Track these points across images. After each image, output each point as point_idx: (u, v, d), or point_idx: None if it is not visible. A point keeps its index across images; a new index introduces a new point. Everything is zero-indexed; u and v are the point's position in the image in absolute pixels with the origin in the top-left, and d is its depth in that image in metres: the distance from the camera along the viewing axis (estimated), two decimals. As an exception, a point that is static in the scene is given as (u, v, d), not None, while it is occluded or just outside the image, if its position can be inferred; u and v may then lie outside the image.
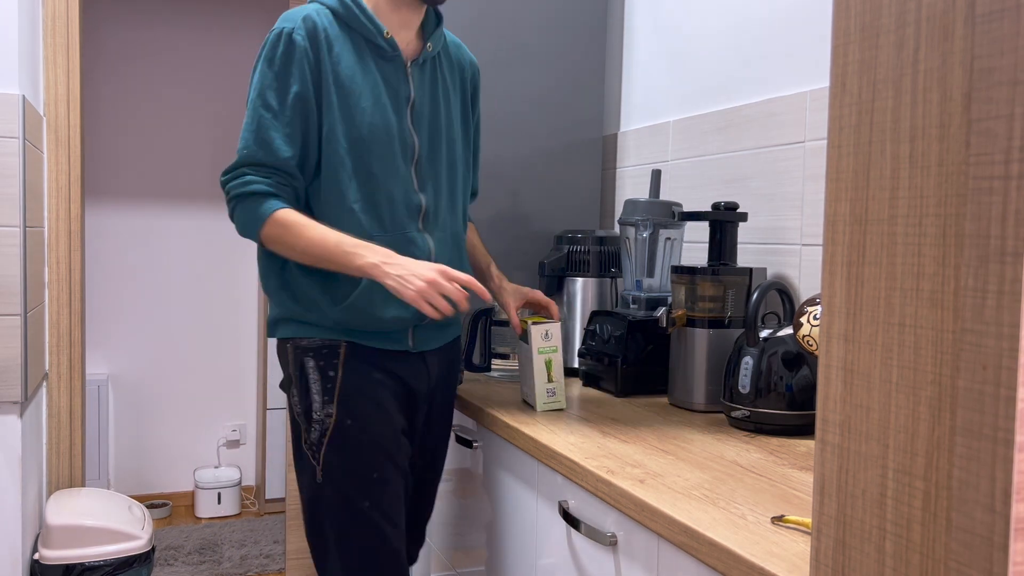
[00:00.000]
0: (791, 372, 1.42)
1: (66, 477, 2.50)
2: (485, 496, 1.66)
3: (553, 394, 1.58)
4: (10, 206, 2.11)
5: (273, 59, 1.42)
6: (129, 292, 3.94)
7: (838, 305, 0.68)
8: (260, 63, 1.43)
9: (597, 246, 1.98)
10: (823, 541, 0.70)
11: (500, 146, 2.13)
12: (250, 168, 1.42)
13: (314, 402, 1.45)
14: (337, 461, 1.45)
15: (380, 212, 1.45)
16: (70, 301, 2.48)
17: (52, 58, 2.43)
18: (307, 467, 1.47)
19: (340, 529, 1.46)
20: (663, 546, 1.06)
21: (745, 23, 1.83)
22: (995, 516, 0.54)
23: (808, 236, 1.63)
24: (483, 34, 2.10)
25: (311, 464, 1.46)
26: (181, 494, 4.03)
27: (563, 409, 1.58)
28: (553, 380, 1.58)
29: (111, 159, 3.89)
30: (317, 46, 1.42)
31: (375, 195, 1.45)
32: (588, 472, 1.21)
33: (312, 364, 1.46)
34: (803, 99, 1.64)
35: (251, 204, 1.41)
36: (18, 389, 2.13)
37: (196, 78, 3.99)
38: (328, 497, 1.46)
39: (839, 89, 0.68)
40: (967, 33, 0.57)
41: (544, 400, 1.57)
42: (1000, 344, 0.54)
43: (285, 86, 1.41)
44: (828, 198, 0.69)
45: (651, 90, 2.16)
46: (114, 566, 2.24)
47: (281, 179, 1.42)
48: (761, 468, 1.22)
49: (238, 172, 1.42)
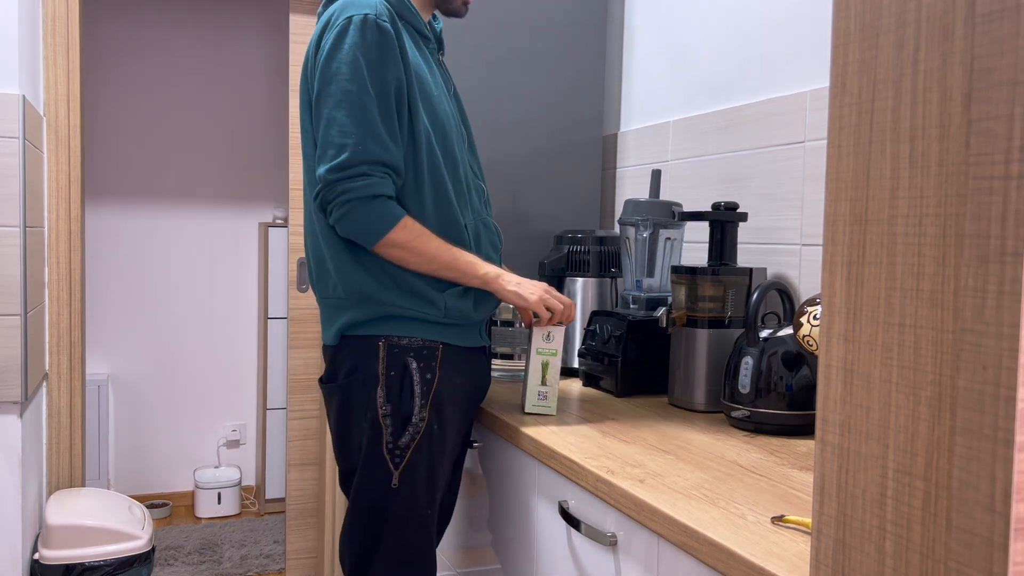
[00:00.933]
0: (791, 372, 1.42)
1: (66, 477, 2.50)
2: (485, 496, 1.66)
3: (544, 397, 1.54)
4: (10, 206, 2.11)
5: (365, 47, 1.33)
6: (129, 292, 3.94)
7: (838, 305, 0.68)
8: (348, 51, 1.34)
9: (597, 246, 1.98)
10: (823, 541, 0.70)
11: (500, 146, 2.13)
12: (368, 167, 1.34)
13: (415, 405, 1.41)
14: (419, 467, 1.43)
15: (466, 198, 1.49)
16: (70, 301, 2.48)
17: (52, 58, 2.43)
18: (381, 471, 1.42)
19: (399, 536, 1.43)
20: (663, 546, 1.06)
21: (745, 23, 1.83)
22: (995, 516, 0.54)
23: (808, 236, 1.63)
24: (483, 34, 2.10)
25: (388, 468, 1.41)
26: (181, 494, 4.03)
27: (552, 415, 1.54)
28: (547, 383, 1.54)
29: (111, 159, 3.89)
30: (398, 32, 1.38)
31: (461, 182, 1.47)
32: (588, 472, 1.21)
33: (415, 365, 1.42)
34: (803, 99, 1.64)
35: (381, 206, 1.35)
36: (18, 389, 2.13)
37: (196, 78, 3.99)
38: (398, 503, 1.42)
39: (839, 89, 0.68)
40: (967, 33, 0.57)
41: (533, 402, 1.54)
42: (1000, 344, 0.54)
43: (382, 76, 1.34)
44: (828, 198, 0.69)
45: (651, 90, 2.16)
46: (114, 566, 2.24)
47: (393, 180, 1.38)
48: (761, 468, 1.22)
49: (356, 171, 1.33)
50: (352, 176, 1.33)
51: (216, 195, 4.05)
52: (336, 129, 1.33)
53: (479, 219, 1.52)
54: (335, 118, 1.34)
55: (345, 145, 1.33)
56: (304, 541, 3.02)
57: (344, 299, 1.44)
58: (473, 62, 2.09)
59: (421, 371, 1.42)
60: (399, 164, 1.37)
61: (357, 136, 1.32)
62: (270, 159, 4.13)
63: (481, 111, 2.10)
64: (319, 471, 3.01)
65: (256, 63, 4.08)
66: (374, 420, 1.42)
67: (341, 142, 1.33)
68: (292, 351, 2.98)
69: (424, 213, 1.41)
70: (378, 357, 1.41)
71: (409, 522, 1.44)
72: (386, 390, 1.41)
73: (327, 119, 1.35)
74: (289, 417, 3.00)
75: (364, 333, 1.43)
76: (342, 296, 1.44)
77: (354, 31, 1.33)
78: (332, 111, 1.34)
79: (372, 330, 1.42)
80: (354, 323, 1.44)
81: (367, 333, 1.43)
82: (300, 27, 2.86)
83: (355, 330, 1.44)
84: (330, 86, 1.35)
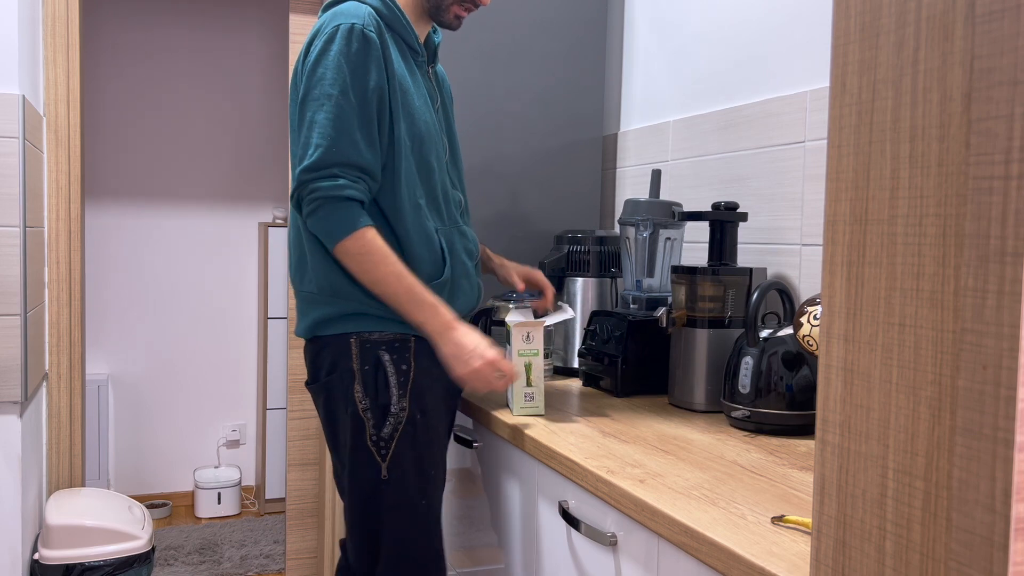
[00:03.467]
0: (791, 372, 1.42)
1: (66, 477, 2.50)
2: (485, 496, 1.66)
3: (531, 398, 1.54)
4: (10, 206, 2.11)
5: (349, 55, 1.39)
6: (129, 292, 3.94)
7: (838, 305, 0.68)
8: (333, 57, 1.40)
9: (597, 246, 1.98)
10: (823, 541, 0.70)
11: (500, 146, 2.13)
12: (340, 168, 1.38)
13: (393, 395, 1.45)
14: (406, 456, 1.46)
15: (439, 207, 1.52)
16: (70, 301, 2.48)
17: (52, 58, 2.43)
18: (369, 464, 1.46)
19: (396, 528, 1.47)
20: (663, 546, 1.06)
21: (745, 23, 1.83)
22: (995, 516, 0.54)
23: (808, 236, 1.63)
24: (483, 34, 2.10)
25: (375, 461, 1.45)
26: (181, 494, 4.03)
27: (541, 415, 1.54)
28: (532, 384, 1.54)
29: (111, 159, 3.89)
30: (384, 43, 1.44)
31: (434, 191, 1.51)
32: (588, 472, 1.21)
33: (388, 358, 1.46)
34: (803, 99, 1.64)
35: (344, 210, 1.39)
36: (18, 389, 2.13)
37: (196, 78, 3.99)
38: (390, 494, 1.46)
39: (839, 89, 0.68)
40: (967, 33, 0.57)
41: (521, 404, 1.54)
42: (1000, 344, 0.54)
43: (364, 83, 1.40)
44: (828, 198, 0.69)
45: (651, 90, 2.16)
46: (114, 566, 2.24)
47: (367, 184, 1.42)
48: (761, 468, 1.22)
49: (328, 172, 1.38)
50: (323, 176, 1.38)
51: (216, 195, 4.05)
52: (316, 131, 1.39)
53: (454, 227, 1.55)
54: (316, 120, 1.39)
55: (320, 146, 1.38)
56: (304, 541, 3.02)
57: (317, 294, 1.49)
58: (473, 61, 2.09)
59: (395, 363, 1.46)
60: (373, 169, 1.42)
61: (332, 138, 1.38)
62: (270, 159, 4.13)
63: (481, 110, 2.10)
64: (319, 471, 3.01)
65: (256, 63, 4.08)
66: (355, 414, 1.46)
67: (317, 143, 1.38)
68: (292, 351, 2.98)
69: (398, 218, 1.46)
70: (351, 354, 1.46)
71: (402, 512, 1.46)
72: (363, 385, 1.46)
73: (308, 121, 1.41)
74: (289, 417, 3.00)
75: (337, 331, 1.47)
76: (315, 291, 1.49)
77: (340, 39, 1.39)
78: (314, 114, 1.40)
79: (344, 327, 1.47)
80: (327, 319, 1.48)
81: (340, 331, 1.47)
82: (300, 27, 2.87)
83: (329, 328, 1.48)
84: (314, 90, 1.41)
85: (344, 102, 1.39)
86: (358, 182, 1.40)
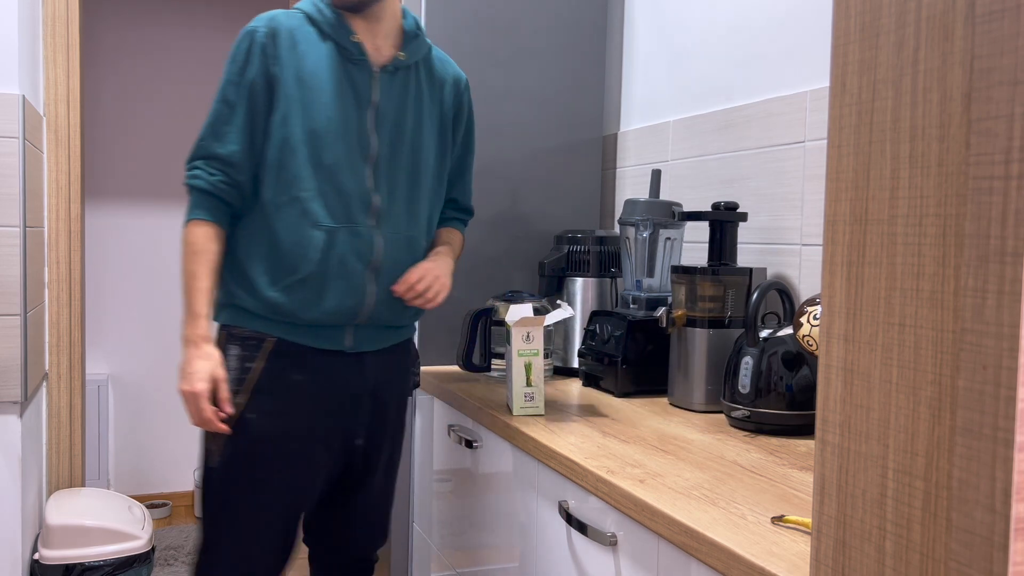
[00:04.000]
0: (791, 372, 1.42)
1: (66, 477, 2.50)
2: (485, 496, 1.66)
3: (531, 398, 1.54)
4: (10, 206, 2.11)
5: (236, 56, 1.50)
6: (129, 292, 3.94)
7: (838, 305, 0.68)
8: (228, 59, 1.52)
9: (597, 246, 1.98)
10: (823, 541, 0.70)
11: (500, 146, 2.13)
12: (201, 161, 1.50)
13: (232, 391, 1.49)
14: (237, 455, 1.49)
15: (330, 203, 1.50)
16: (70, 301, 2.48)
17: (52, 58, 2.43)
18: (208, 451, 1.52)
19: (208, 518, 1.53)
20: (663, 546, 1.06)
21: (745, 23, 1.83)
22: (995, 516, 0.54)
23: (808, 236, 1.63)
24: (483, 34, 2.10)
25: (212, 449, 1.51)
26: (181, 494, 4.03)
27: (541, 415, 1.54)
28: (532, 384, 1.54)
29: (111, 159, 3.89)
30: (278, 41, 1.50)
31: (326, 186, 1.50)
32: (588, 472, 1.21)
33: (235, 352, 1.51)
34: (803, 99, 1.64)
35: (192, 200, 1.50)
36: (18, 389, 2.13)
37: (196, 77, 3.99)
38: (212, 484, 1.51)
39: (839, 89, 0.68)
40: (967, 33, 0.57)
41: (521, 404, 1.54)
42: (1000, 344, 0.54)
43: (242, 79, 1.49)
44: (828, 198, 0.69)
45: (651, 90, 2.16)
46: (114, 566, 2.24)
47: (229, 175, 1.49)
48: (761, 468, 1.22)
49: (191, 165, 1.51)
50: (189, 168, 1.52)
51: (216, 195, 4.05)
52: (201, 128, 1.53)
53: (346, 226, 1.50)
54: None
55: (196, 141, 1.52)
56: (304, 541, 3.02)
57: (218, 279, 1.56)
58: (473, 62, 2.09)
59: (240, 359, 1.50)
60: (234, 158, 1.49)
61: (203, 133, 1.51)
62: (270, 159, 4.13)
63: (481, 111, 2.10)
64: (319, 471, 3.00)
65: (256, 63, 4.08)
66: None
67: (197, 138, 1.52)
68: (292, 351, 2.97)
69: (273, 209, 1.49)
70: (222, 344, 1.53)
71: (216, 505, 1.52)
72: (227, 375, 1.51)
73: None
74: (289, 417, 2.99)
75: (217, 319, 1.55)
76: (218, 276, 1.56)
77: (236, 42, 1.52)
78: None
79: (219, 316, 1.55)
80: (216, 305, 1.55)
81: (218, 320, 1.55)
82: (300, 27, 2.86)
83: (216, 315, 1.56)
84: None
85: (221, 102, 1.50)
86: (214, 173, 1.49)
